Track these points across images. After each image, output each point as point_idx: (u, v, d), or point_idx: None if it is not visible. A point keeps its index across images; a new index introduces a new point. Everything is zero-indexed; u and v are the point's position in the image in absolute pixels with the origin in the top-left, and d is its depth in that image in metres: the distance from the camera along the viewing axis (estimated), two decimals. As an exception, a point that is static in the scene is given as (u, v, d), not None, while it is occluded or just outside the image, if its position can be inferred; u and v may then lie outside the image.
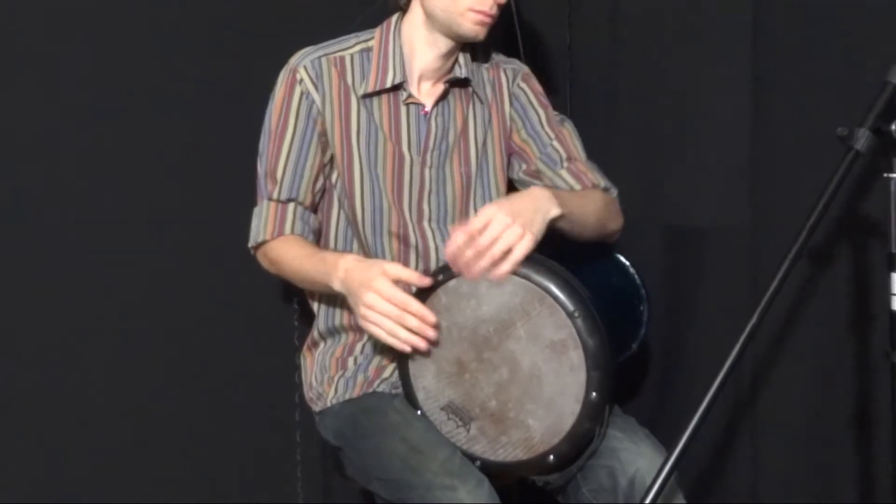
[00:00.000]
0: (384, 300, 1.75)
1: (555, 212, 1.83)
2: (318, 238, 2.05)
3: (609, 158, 2.27)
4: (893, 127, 1.62)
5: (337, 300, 2.01)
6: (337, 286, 1.85)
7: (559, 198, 1.85)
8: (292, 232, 1.99)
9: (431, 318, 1.77)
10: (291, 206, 1.98)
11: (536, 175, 2.09)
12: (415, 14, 1.98)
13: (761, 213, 2.26)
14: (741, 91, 2.28)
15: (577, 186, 2.05)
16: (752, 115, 2.27)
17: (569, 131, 2.12)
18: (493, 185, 2.08)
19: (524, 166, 2.11)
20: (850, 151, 1.59)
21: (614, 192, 2.12)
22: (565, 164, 2.07)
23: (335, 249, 2.04)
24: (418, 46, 1.98)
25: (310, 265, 1.93)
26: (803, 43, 2.16)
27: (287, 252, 1.98)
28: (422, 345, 1.78)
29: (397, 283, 1.77)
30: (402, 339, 1.77)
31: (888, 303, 1.71)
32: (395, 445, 1.85)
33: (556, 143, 2.08)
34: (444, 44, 1.97)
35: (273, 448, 2.37)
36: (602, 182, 2.09)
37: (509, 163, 2.13)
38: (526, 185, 2.10)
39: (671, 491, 1.84)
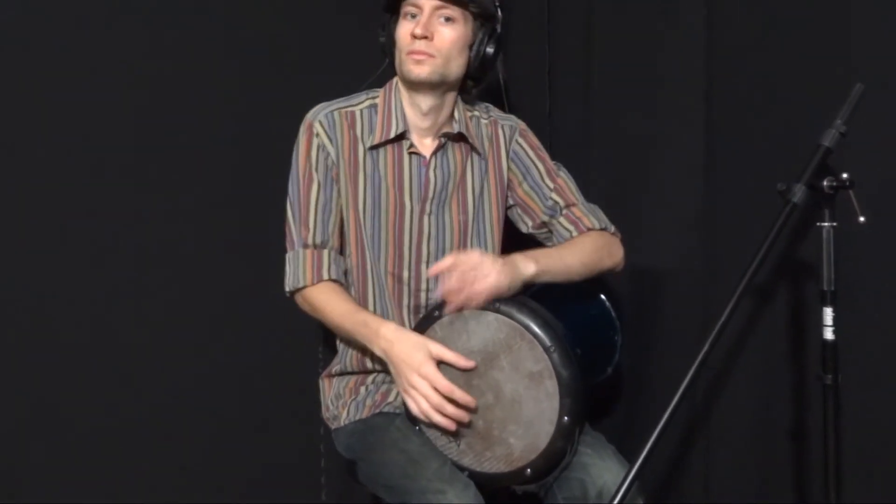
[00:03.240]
0: (430, 387, 1.72)
1: (531, 269, 1.81)
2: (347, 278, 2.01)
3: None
4: (825, 183, 1.63)
5: (356, 345, 1.95)
6: (378, 353, 1.82)
7: (536, 258, 1.84)
8: (329, 276, 1.92)
9: (473, 403, 1.75)
10: (326, 251, 1.93)
11: (543, 226, 2.07)
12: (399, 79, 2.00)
13: (711, 258, 2.26)
14: (695, 153, 2.27)
15: (575, 231, 2.02)
16: (703, 175, 2.26)
17: (564, 179, 2.07)
18: (488, 230, 2.04)
19: (530, 222, 2.07)
20: (788, 204, 1.59)
21: (612, 228, 2.06)
22: (563, 212, 2.04)
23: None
24: (405, 107, 1.95)
25: (350, 324, 1.87)
26: (749, 110, 2.16)
27: (328, 304, 1.91)
28: (452, 426, 1.75)
29: (440, 362, 1.75)
30: (436, 422, 1.75)
31: (820, 333, 1.69)
32: (396, 457, 1.85)
33: (554, 195, 2.05)
34: (423, 102, 1.94)
35: (300, 455, 2.32)
36: (598, 223, 2.04)
37: (519, 218, 2.08)
38: (539, 240, 2.07)
39: (633, 496, 1.82)
